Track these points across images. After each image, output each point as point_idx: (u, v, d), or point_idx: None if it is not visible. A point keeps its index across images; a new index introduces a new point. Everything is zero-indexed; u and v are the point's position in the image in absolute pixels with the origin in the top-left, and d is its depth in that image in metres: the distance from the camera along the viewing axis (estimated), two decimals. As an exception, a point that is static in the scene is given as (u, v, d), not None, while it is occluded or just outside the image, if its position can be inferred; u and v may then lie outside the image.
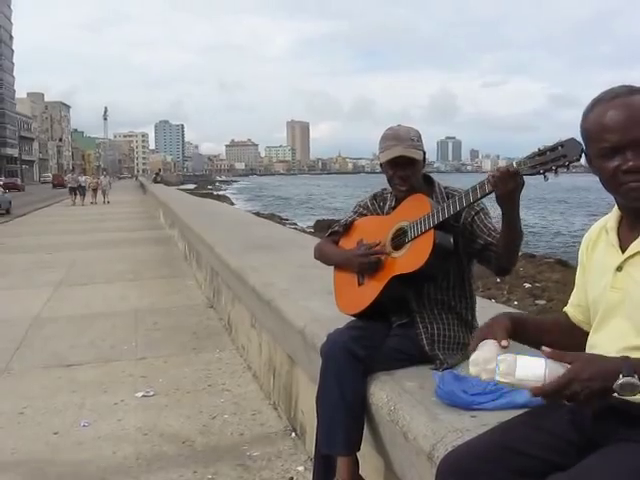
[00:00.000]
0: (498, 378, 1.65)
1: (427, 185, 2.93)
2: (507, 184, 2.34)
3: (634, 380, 1.49)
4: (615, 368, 1.52)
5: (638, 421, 1.63)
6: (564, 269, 16.44)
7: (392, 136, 2.84)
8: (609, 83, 1.71)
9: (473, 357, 1.75)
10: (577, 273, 1.97)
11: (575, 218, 42.63)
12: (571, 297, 2.00)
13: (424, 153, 2.89)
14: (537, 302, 12.97)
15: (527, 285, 14.51)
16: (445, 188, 2.94)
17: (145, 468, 3.70)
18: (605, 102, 1.68)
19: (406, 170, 2.82)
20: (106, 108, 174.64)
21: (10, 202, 30.55)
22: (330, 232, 3.22)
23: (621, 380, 1.50)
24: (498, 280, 14.45)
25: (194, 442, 4.03)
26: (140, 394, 4.87)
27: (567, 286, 13.43)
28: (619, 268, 1.73)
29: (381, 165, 2.91)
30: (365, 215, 3.10)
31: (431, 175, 3.01)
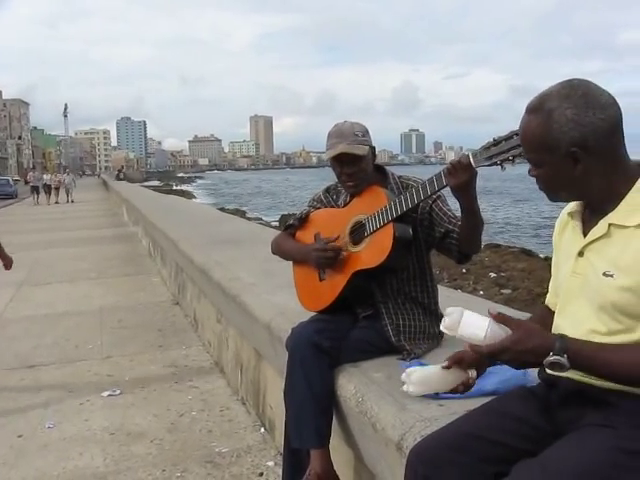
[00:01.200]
0: (442, 329, 1.76)
1: (381, 176, 2.91)
2: (461, 177, 2.37)
3: (562, 360, 1.58)
4: (548, 346, 1.60)
5: (604, 405, 1.65)
6: (529, 258, 16.66)
7: (336, 133, 2.80)
8: (569, 74, 1.73)
9: (406, 373, 2.03)
10: (552, 259, 1.99)
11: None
12: (549, 284, 2.02)
13: (373, 148, 2.85)
14: (503, 291, 13.13)
15: (492, 275, 14.67)
16: (400, 177, 2.93)
17: (113, 468, 3.66)
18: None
19: (352, 167, 2.78)
20: (66, 105, 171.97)
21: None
22: (286, 226, 3.18)
23: (550, 358, 1.58)
24: (464, 270, 14.59)
25: (162, 440, 3.99)
26: (106, 393, 4.81)
27: (532, 275, 13.62)
28: (580, 253, 1.75)
29: (331, 165, 2.89)
30: (320, 208, 3.08)
31: (384, 166, 2.99)
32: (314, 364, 2.62)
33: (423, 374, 2.00)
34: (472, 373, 1.96)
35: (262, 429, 4.07)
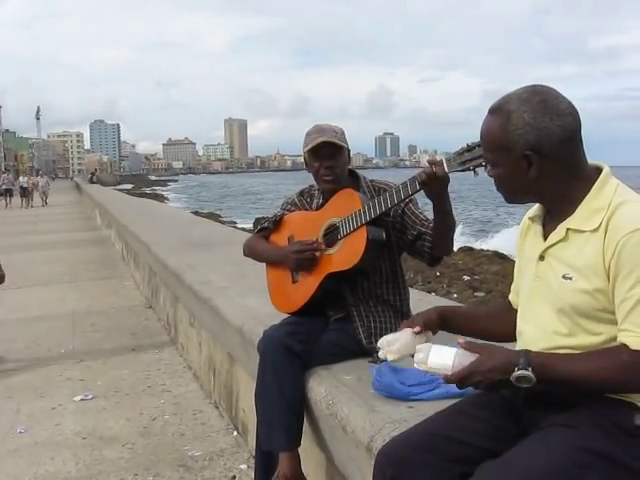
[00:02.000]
0: (415, 365, 1.82)
1: (354, 180, 2.95)
2: (435, 185, 2.42)
3: (528, 373, 1.61)
4: (512, 361, 1.64)
5: (567, 406, 1.69)
6: (502, 261, 16.78)
7: (315, 130, 2.88)
8: (542, 78, 1.79)
9: (380, 341, 1.99)
10: (516, 261, 2.04)
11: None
12: (512, 284, 2.06)
13: (348, 150, 2.91)
14: (476, 294, 13.21)
15: (466, 277, 14.76)
16: (372, 181, 2.97)
17: (85, 473, 3.64)
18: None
19: (332, 160, 2.83)
20: (39, 107, 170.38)
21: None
22: (259, 228, 3.19)
23: (516, 373, 1.62)
24: (438, 273, 14.66)
25: (134, 444, 3.98)
26: (78, 397, 4.78)
27: (506, 277, 13.71)
28: (541, 257, 1.79)
29: (306, 164, 2.92)
30: (294, 211, 3.10)
31: (357, 170, 3.02)
32: (285, 367, 2.64)
33: (402, 342, 1.96)
34: (429, 334, 2.00)
35: (235, 432, 4.08)
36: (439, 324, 2.00)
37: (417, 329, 1.96)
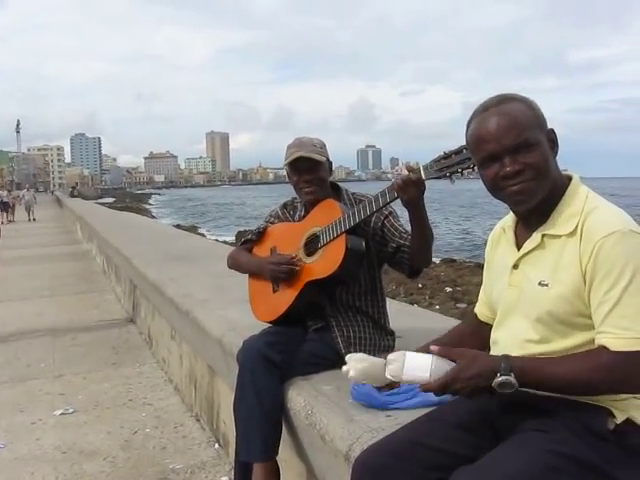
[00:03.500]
0: (388, 376, 1.76)
1: (335, 192, 2.99)
2: (412, 191, 2.44)
3: (510, 379, 1.61)
4: (493, 367, 1.64)
5: (541, 412, 1.71)
6: (484, 272, 16.83)
7: (295, 143, 2.92)
8: (522, 91, 1.80)
9: (353, 355, 1.93)
10: (484, 271, 2.06)
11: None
12: (479, 295, 2.09)
13: (330, 162, 2.95)
14: (458, 305, 13.24)
15: (448, 289, 14.81)
16: (353, 194, 3.01)
17: (65, 487, 3.62)
18: (478, 114, 1.78)
19: (310, 173, 2.87)
20: (18, 121, 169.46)
21: None
22: (243, 240, 3.24)
23: (499, 379, 1.62)
24: (420, 285, 14.72)
25: (115, 458, 3.97)
26: (59, 412, 4.76)
27: (487, 289, 13.75)
28: (515, 266, 1.82)
29: (289, 176, 2.96)
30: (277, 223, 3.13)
31: (338, 183, 3.07)
32: (264, 377, 2.65)
33: (370, 366, 1.90)
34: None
35: (216, 445, 4.07)
36: None
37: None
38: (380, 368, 1.86)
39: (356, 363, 1.89)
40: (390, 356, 1.77)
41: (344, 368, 1.92)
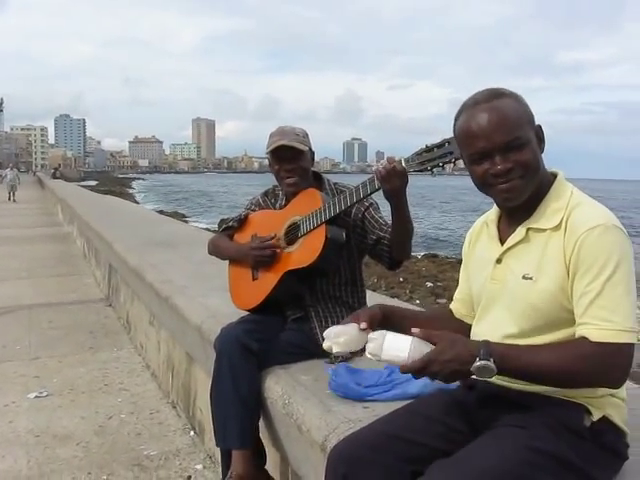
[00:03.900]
0: (367, 355, 1.75)
1: (317, 182, 2.98)
2: (395, 182, 2.42)
3: (489, 364, 1.59)
4: (473, 352, 1.61)
5: (519, 407, 1.71)
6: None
7: (277, 132, 2.90)
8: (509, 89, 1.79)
9: (326, 331, 1.90)
10: (461, 268, 2.05)
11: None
12: (455, 292, 2.08)
13: (312, 152, 2.93)
14: (439, 301, 13.31)
15: (429, 284, 14.89)
16: (335, 184, 3.00)
17: (37, 472, 3.57)
18: (469, 109, 1.75)
19: (292, 163, 2.85)
20: (2, 99, 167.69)
21: None
22: (224, 227, 3.22)
23: (477, 363, 1.59)
24: (401, 279, 14.77)
25: (89, 443, 3.93)
26: (33, 395, 4.71)
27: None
28: (498, 260, 1.82)
29: (270, 165, 2.94)
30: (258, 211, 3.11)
31: (321, 173, 3.05)
32: (242, 365, 2.63)
33: (349, 336, 1.88)
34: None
35: (192, 432, 4.05)
36: (381, 322, 1.92)
37: (364, 325, 1.87)
38: (357, 334, 1.86)
39: (336, 338, 1.88)
40: (371, 334, 1.76)
41: (325, 345, 1.90)
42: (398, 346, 1.69)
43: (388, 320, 1.94)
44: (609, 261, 1.60)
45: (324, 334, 1.93)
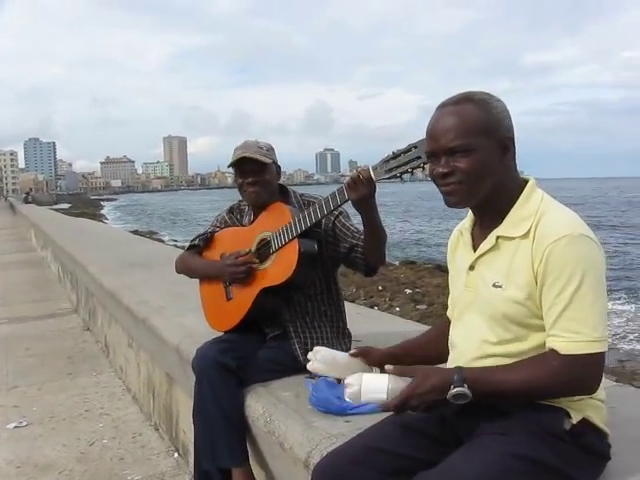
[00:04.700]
0: (347, 399, 1.79)
1: (283, 195, 2.96)
2: (362, 190, 2.41)
3: (464, 390, 1.62)
4: (447, 380, 1.65)
5: (498, 414, 1.72)
6: (443, 274, 17.02)
7: (241, 146, 2.89)
8: None
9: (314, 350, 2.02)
10: (449, 275, 2.07)
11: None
12: (449, 298, 2.09)
13: (278, 166, 2.92)
14: (418, 307, 13.35)
15: (408, 291, 14.93)
16: (302, 195, 2.98)
17: (19, 503, 3.53)
18: (436, 110, 1.78)
19: (255, 175, 2.83)
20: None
21: None
22: (190, 245, 3.17)
23: (452, 391, 1.63)
24: (380, 288, 14.80)
25: (72, 471, 3.87)
26: (12, 425, 4.63)
27: (447, 290, 13.85)
28: (471, 267, 1.83)
29: (235, 179, 2.92)
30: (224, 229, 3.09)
31: (286, 185, 3.03)
32: (222, 384, 2.61)
33: (330, 355, 2.00)
34: (375, 370, 1.98)
35: (176, 454, 4.01)
36: (386, 363, 1.88)
37: (353, 351, 1.98)
38: (342, 358, 1.95)
39: (314, 355, 1.98)
40: (347, 379, 1.79)
41: (308, 365, 1.99)
42: (376, 388, 1.73)
43: (400, 360, 1.95)
44: (576, 272, 1.61)
45: (309, 355, 2.00)
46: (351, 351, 2.01)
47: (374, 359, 1.98)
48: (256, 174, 2.83)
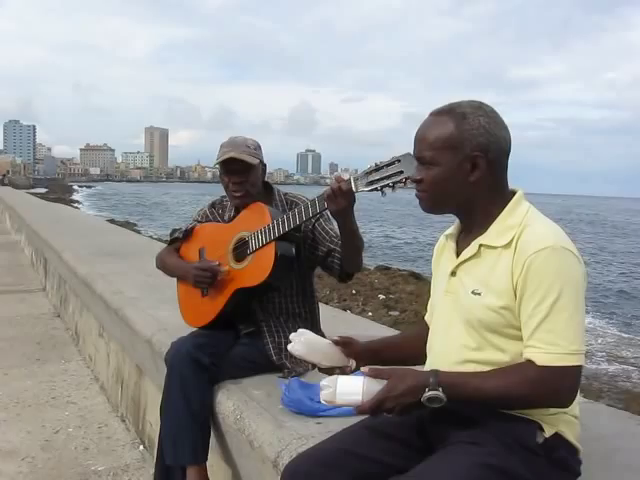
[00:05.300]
0: (322, 401, 1.78)
1: (267, 192, 2.94)
2: (341, 202, 2.37)
3: (438, 393, 1.63)
4: (422, 383, 1.65)
5: (472, 423, 1.72)
6: (417, 281, 17.11)
7: (228, 143, 2.85)
8: None
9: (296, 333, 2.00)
10: (432, 280, 2.07)
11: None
12: (429, 303, 2.10)
13: (263, 164, 2.90)
14: (391, 313, 13.38)
15: (381, 296, 14.95)
16: (285, 195, 2.97)
17: (-21, 488, 3.48)
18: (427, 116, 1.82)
19: (241, 176, 2.81)
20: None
21: None
22: (171, 240, 3.15)
23: (427, 394, 1.63)
24: (354, 291, 14.80)
25: (34, 458, 3.82)
26: (-24, 409, 4.57)
27: (420, 298, 13.98)
28: (453, 273, 1.83)
29: (220, 176, 2.89)
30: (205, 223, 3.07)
31: (271, 183, 3.01)
32: (193, 380, 2.59)
33: (314, 339, 1.99)
34: (352, 362, 1.99)
35: (141, 447, 3.98)
36: (365, 356, 1.97)
37: (335, 338, 1.98)
38: (321, 342, 1.96)
39: (298, 337, 1.97)
40: (323, 382, 1.78)
41: (289, 346, 1.97)
42: (351, 390, 1.72)
43: (378, 355, 2.01)
44: (555, 284, 1.61)
45: (290, 336, 1.98)
46: (334, 337, 1.99)
47: (354, 351, 1.98)
48: (242, 174, 2.80)
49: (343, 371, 1.99)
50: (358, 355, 1.98)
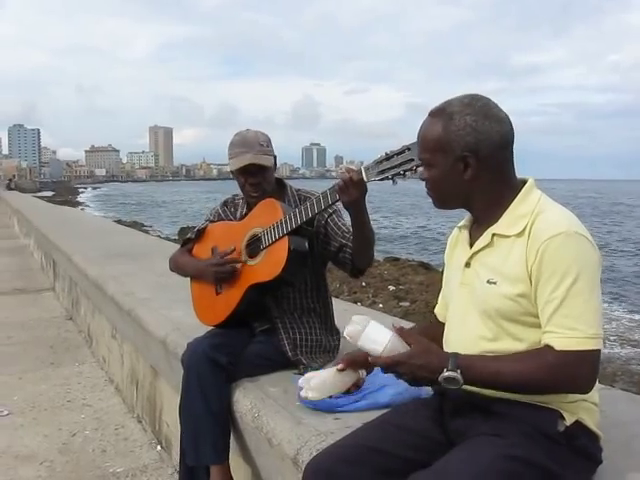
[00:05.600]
0: (344, 335, 1.81)
1: (280, 189, 2.93)
2: (353, 193, 2.37)
3: (456, 375, 1.64)
4: (442, 363, 1.66)
5: (493, 415, 1.71)
6: (427, 271, 17.08)
7: (240, 142, 2.81)
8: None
9: (302, 379, 2.09)
10: (444, 272, 2.07)
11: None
12: (440, 295, 2.09)
13: (275, 157, 2.88)
14: (401, 304, 13.36)
15: (391, 288, 14.92)
16: (297, 191, 2.96)
17: (-2, 493, 3.49)
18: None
19: (257, 177, 2.80)
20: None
21: None
22: (184, 241, 3.15)
23: (445, 374, 1.64)
24: (364, 284, 14.78)
25: (53, 462, 3.83)
26: (-7, 414, 4.59)
27: (430, 287, 13.96)
28: (467, 264, 1.83)
29: (232, 172, 2.88)
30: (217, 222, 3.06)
31: (283, 179, 3.01)
32: (211, 380, 2.59)
33: (321, 379, 2.02)
34: (362, 373, 2.01)
35: (158, 447, 3.98)
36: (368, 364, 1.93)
37: (340, 366, 1.98)
38: (333, 376, 1.98)
39: (307, 384, 2.02)
40: (355, 317, 1.80)
41: (302, 393, 2.03)
42: (376, 338, 1.74)
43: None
44: (571, 269, 1.61)
45: (299, 382, 2.04)
46: (338, 367, 2.00)
47: (361, 362, 1.96)
48: (259, 175, 2.79)
49: (357, 384, 2.05)
50: (367, 362, 1.92)
